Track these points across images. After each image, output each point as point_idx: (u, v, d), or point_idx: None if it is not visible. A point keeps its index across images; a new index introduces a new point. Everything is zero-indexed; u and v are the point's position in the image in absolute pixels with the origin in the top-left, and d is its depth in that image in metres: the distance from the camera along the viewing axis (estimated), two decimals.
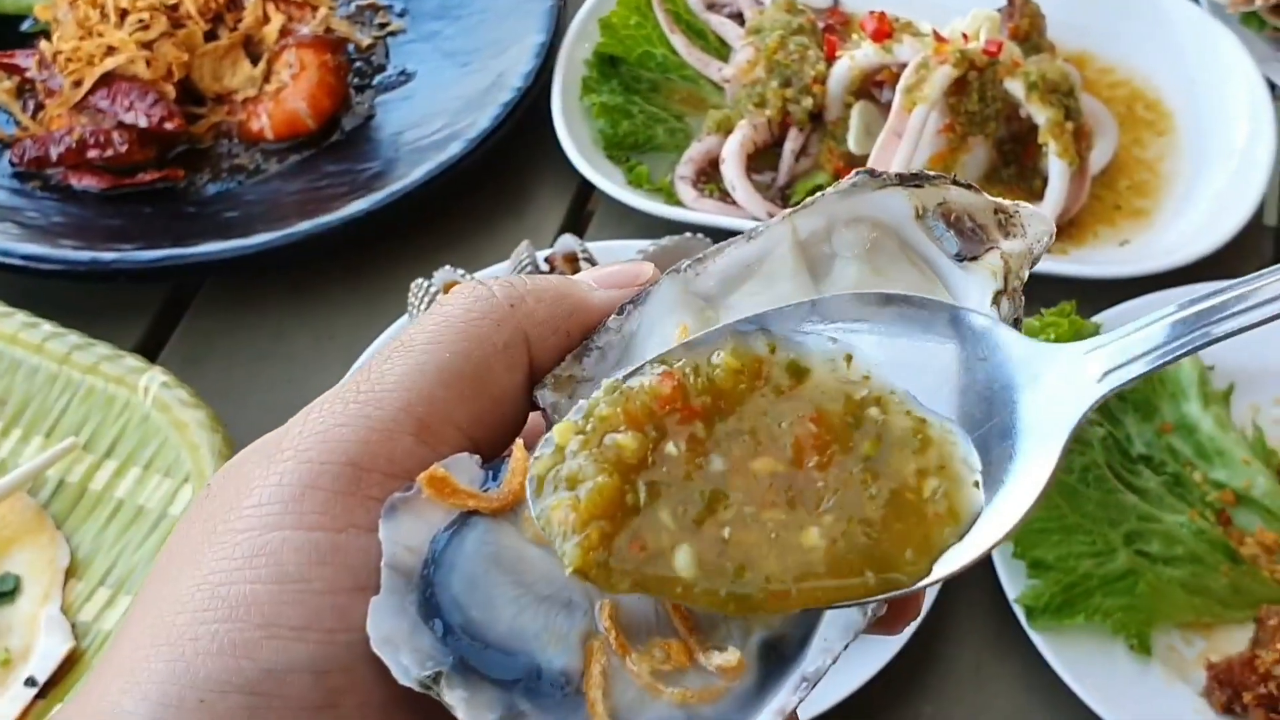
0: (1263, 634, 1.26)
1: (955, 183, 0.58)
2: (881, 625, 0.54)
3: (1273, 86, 1.77)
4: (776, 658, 0.51)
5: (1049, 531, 1.28)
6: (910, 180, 0.57)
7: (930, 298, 0.57)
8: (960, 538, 0.51)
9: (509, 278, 0.57)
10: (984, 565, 1.32)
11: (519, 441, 0.53)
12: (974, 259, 0.57)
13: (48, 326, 1.45)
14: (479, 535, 0.50)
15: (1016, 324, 0.56)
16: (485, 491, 0.51)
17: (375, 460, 0.50)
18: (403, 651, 0.47)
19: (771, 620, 0.52)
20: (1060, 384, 0.53)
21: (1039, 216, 0.59)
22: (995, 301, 0.56)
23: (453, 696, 0.47)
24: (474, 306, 0.55)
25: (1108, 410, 1.40)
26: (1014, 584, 1.29)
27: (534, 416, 0.59)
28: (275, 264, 1.62)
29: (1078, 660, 1.25)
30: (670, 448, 0.51)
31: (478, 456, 0.52)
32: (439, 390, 0.52)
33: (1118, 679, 1.25)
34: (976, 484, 0.52)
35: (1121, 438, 1.38)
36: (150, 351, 1.57)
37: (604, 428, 0.51)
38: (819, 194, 0.58)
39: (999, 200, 0.58)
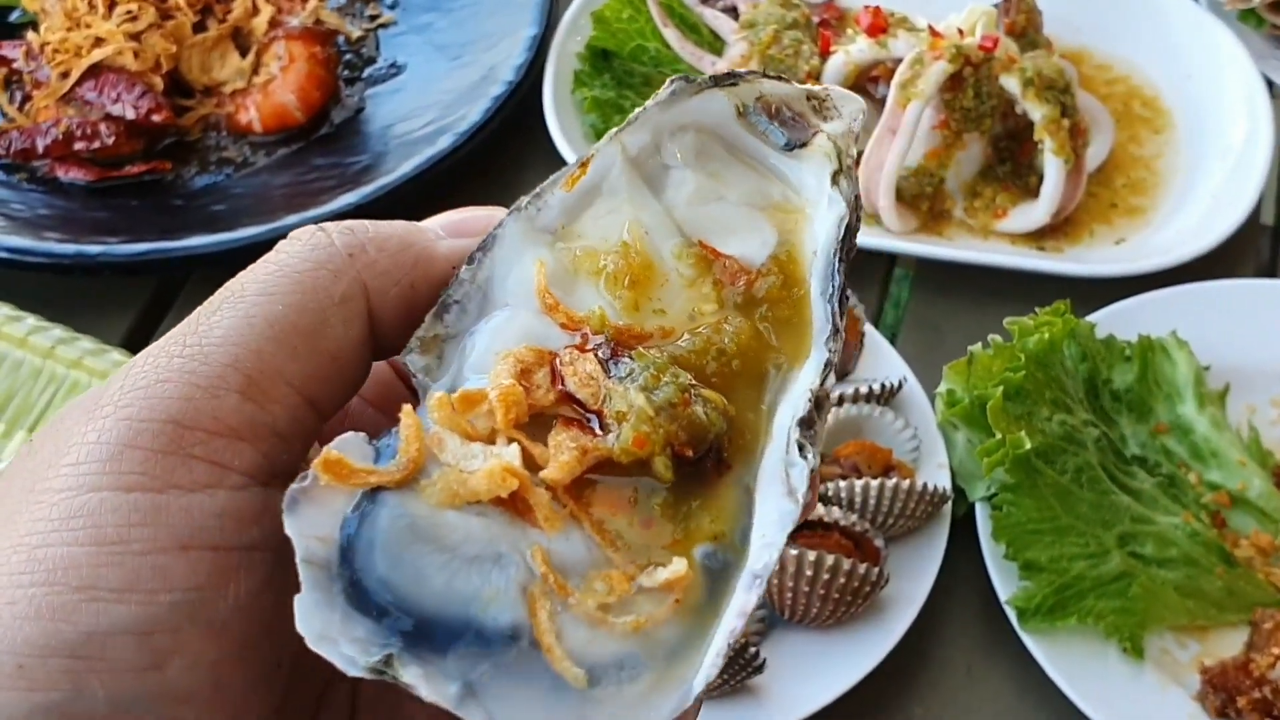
0: (1257, 637, 1.25)
1: (766, 75, 0.58)
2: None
3: (1270, 84, 1.76)
4: (719, 565, 0.51)
5: (1042, 533, 1.26)
6: (725, 80, 0.57)
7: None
8: None
9: (350, 223, 0.54)
10: (977, 567, 1.31)
11: (407, 408, 0.50)
12: (804, 145, 0.58)
13: (32, 320, 1.43)
14: (389, 511, 0.48)
15: (856, 200, 0.57)
16: (382, 467, 0.49)
17: (199, 418, 0.48)
18: (342, 644, 0.45)
19: (711, 525, 0.52)
20: None
21: (848, 96, 0.59)
22: (835, 181, 0.57)
23: (410, 675, 0.45)
24: (310, 255, 0.52)
25: (1102, 410, 1.38)
26: (1006, 585, 1.28)
27: (378, 370, 0.57)
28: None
29: (1070, 663, 1.24)
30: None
31: (363, 434, 0.50)
32: (268, 345, 0.50)
33: (1110, 682, 1.24)
34: None
35: (1115, 438, 1.37)
36: (136, 346, 1.55)
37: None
38: (643, 108, 0.57)
39: (809, 86, 0.59)
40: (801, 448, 0.52)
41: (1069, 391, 1.35)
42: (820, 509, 1.27)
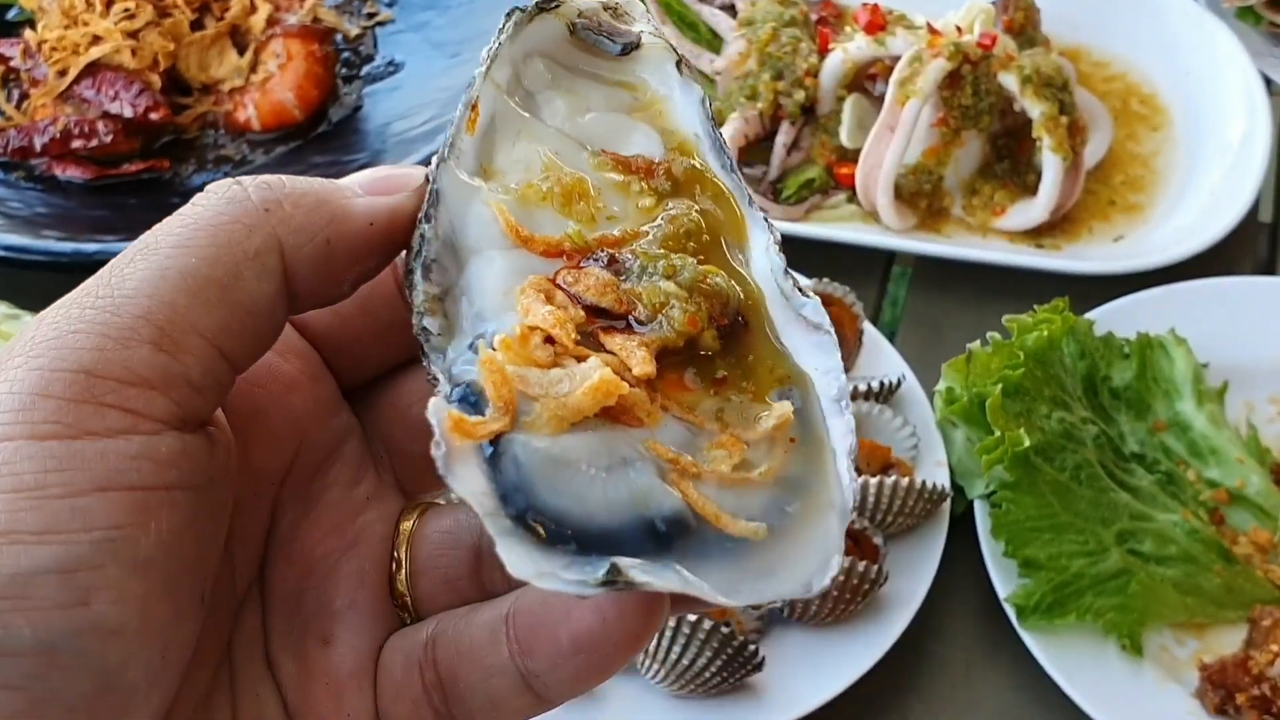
0: (1256, 634, 1.25)
1: None
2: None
3: (1268, 81, 1.76)
4: (798, 403, 0.55)
5: (1040, 530, 1.26)
6: (547, 4, 0.61)
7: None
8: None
9: (267, 177, 0.54)
10: (976, 564, 1.31)
11: (486, 357, 0.51)
12: (637, 46, 0.62)
13: (29, 318, 1.43)
14: (522, 450, 0.50)
15: (701, 86, 0.62)
16: (488, 416, 0.51)
17: (110, 368, 0.48)
18: (560, 575, 0.47)
19: (771, 374, 0.56)
20: None
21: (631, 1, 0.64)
22: (679, 70, 0.61)
23: (640, 576, 0.47)
24: (225, 209, 0.52)
25: (1100, 408, 1.38)
26: (1005, 583, 1.28)
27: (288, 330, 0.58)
28: None
29: (1069, 660, 1.24)
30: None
31: (441, 400, 0.51)
32: (181, 297, 0.50)
33: (1109, 679, 1.24)
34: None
35: (1114, 435, 1.37)
36: None
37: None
38: (497, 44, 0.61)
39: None
40: (800, 290, 0.57)
41: (1068, 389, 1.35)
42: None
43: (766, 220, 0.58)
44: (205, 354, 0.51)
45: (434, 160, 0.58)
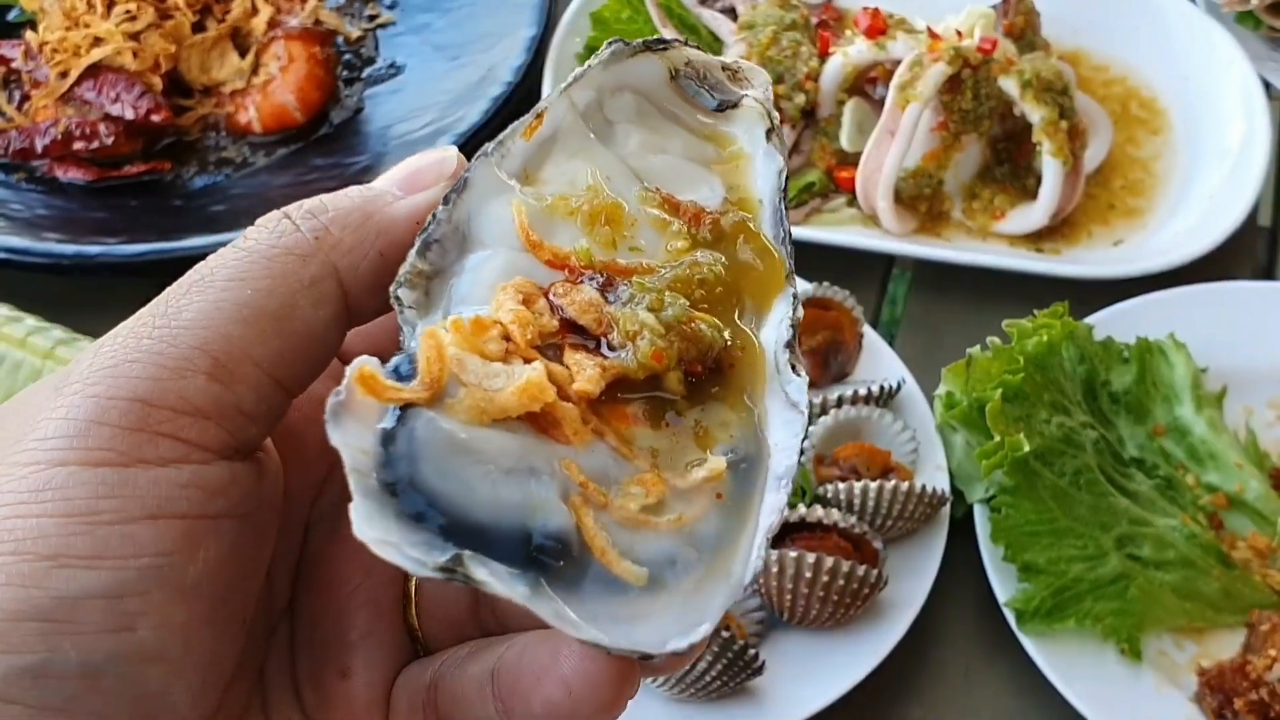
0: (1254, 639, 1.25)
1: (688, 44, 0.63)
2: None
3: (1267, 86, 1.76)
4: (743, 467, 0.54)
5: (1040, 535, 1.27)
6: (655, 45, 0.62)
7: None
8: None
9: (310, 204, 0.55)
10: (975, 569, 1.31)
11: (427, 330, 0.51)
12: (735, 106, 0.62)
13: (31, 321, 1.43)
14: (425, 425, 0.49)
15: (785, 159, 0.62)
16: (408, 386, 0.50)
17: (165, 397, 0.49)
18: (404, 548, 0.46)
19: (726, 432, 0.55)
20: None
21: (757, 69, 0.64)
22: (769, 138, 0.61)
23: (481, 574, 0.46)
24: (278, 242, 0.54)
25: (1100, 412, 1.39)
26: (1004, 587, 1.28)
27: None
28: None
29: (1068, 664, 1.24)
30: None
31: (375, 359, 0.50)
32: (236, 328, 0.51)
33: (1108, 683, 1.24)
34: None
35: (1114, 440, 1.37)
36: None
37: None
38: (586, 66, 0.61)
39: (722, 59, 0.64)
40: (794, 367, 0.56)
41: (1067, 394, 1.35)
42: (819, 511, 1.27)
43: (795, 297, 0.58)
44: (260, 383, 0.52)
45: (480, 151, 0.58)
